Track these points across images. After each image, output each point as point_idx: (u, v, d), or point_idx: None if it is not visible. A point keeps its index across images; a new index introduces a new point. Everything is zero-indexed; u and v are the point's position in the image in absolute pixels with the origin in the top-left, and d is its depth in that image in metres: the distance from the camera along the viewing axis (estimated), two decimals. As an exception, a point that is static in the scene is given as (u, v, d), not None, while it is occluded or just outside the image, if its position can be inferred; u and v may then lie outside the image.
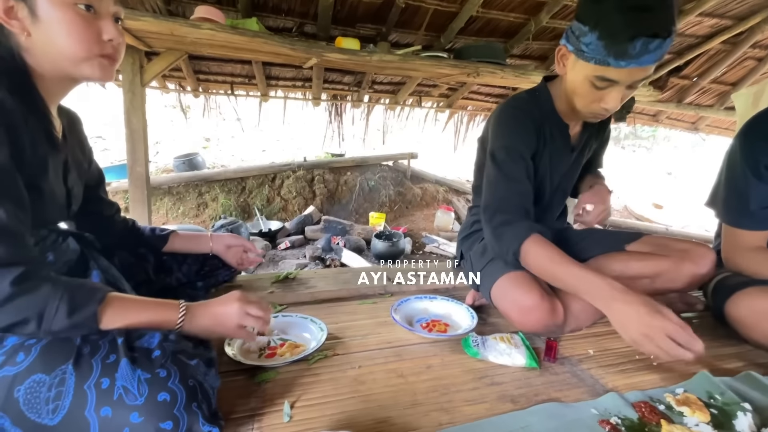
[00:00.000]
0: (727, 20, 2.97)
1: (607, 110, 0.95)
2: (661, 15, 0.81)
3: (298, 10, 2.54)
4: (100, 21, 0.69)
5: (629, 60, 0.83)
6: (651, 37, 0.80)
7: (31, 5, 0.64)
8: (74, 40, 0.66)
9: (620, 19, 0.81)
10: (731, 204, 1.06)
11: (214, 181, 4.16)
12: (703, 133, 4.47)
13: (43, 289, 0.58)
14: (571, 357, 0.98)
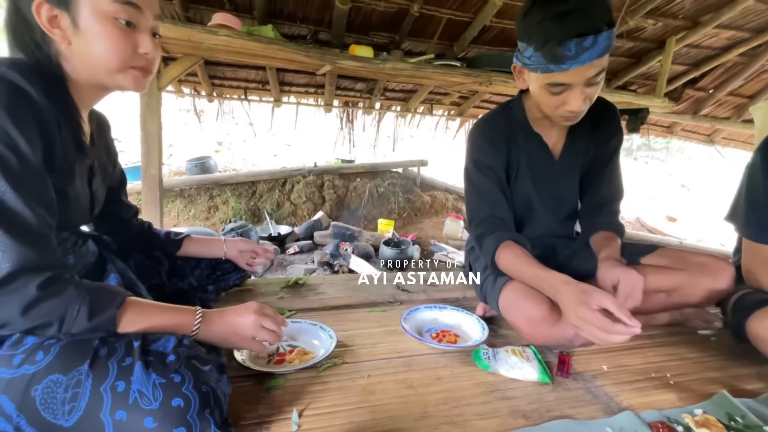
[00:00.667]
0: (745, 33, 2.93)
1: (573, 111, 0.97)
2: (583, 15, 0.84)
3: (313, 18, 2.57)
4: (138, 35, 0.71)
5: (570, 62, 0.86)
6: (580, 37, 0.84)
7: (74, 16, 0.66)
8: (111, 52, 0.68)
9: (546, 28, 0.86)
10: (752, 219, 1.04)
11: (226, 185, 4.20)
12: (719, 145, 4.39)
13: (67, 292, 0.59)
14: (584, 372, 0.95)
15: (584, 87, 0.92)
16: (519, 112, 1.16)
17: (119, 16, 0.67)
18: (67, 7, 0.65)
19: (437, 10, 2.54)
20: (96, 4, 0.66)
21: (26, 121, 0.59)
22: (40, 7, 0.64)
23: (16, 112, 0.58)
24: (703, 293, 1.06)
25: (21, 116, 0.58)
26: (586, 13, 0.84)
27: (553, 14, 0.85)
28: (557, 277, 0.90)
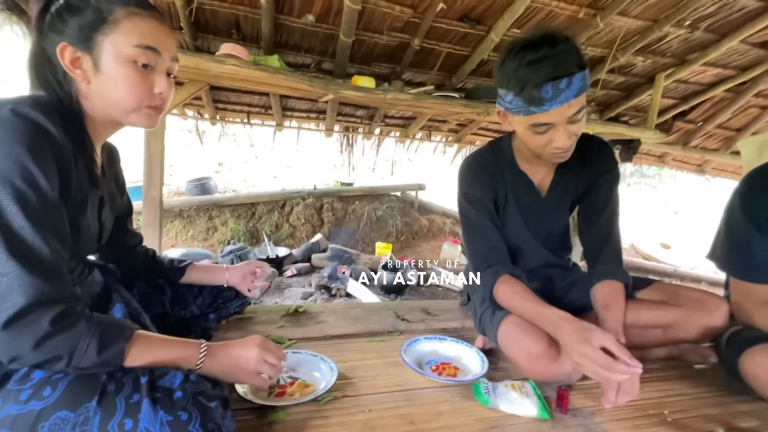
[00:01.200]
0: (730, 70, 3.07)
1: (560, 148, 1.00)
2: (555, 61, 0.90)
3: (318, 49, 2.67)
4: (154, 75, 0.74)
5: (549, 103, 0.92)
6: (555, 80, 0.89)
7: (96, 58, 0.69)
8: (128, 93, 0.71)
9: (522, 75, 0.92)
10: (735, 257, 1.07)
11: (225, 206, 4.23)
12: (710, 175, 4.50)
13: (78, 326, 0.60)
14: (583, 408, 0.96)
15: (567, 125, 0.97)
16: (507, 149, 1.21)
17: (138, 59, 0.71)
18: (90, 50, 0.69)
19: (437, 44, 2.64)
20: (117, 48, 0.69)
21: (46, 159, 0.62)
22: (64, 49, 0.68)
23: (37, 151, 0.61)
24: (698, 330, 1.08)
25: (42, 154, 0.61)
26: (558, 59, 0.90)
27: (528, 62, 0.92)
28: (557, 314, 0.92)
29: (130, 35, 0.70)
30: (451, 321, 1.43)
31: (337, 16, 2.35)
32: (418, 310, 1.48)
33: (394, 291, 3.32)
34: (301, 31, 2.48)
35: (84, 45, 0.68)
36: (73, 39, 0.68)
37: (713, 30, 2.63)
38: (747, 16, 2.49)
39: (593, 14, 2.41)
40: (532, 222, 1.24)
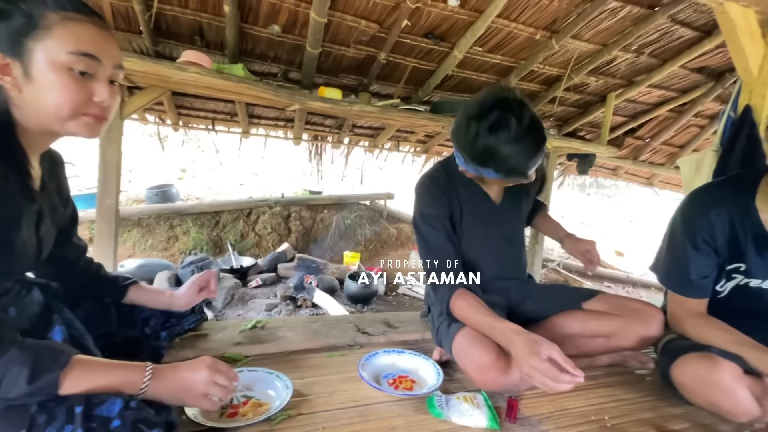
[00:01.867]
0: (673, 92, 3.33)
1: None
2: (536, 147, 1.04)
3: (284, 58, 2.66)
4: (94, 83, 0.69)
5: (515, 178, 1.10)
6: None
7: (26, 65, 0.65)
8: (62, 101, 0.67)
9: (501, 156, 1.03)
10: (673, 272, 1.14)
11: (187, 214, 4.08)
12: (657, 188, 4.83)
13: (8, 355, 0.57)
14: (531, 417, 1.01)
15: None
16: (457, 167, 1.25)
17: (74, 66, 0.66)
18: (20, 57, 0.65)
19: (403, 59, 2.71)
20: (50, 55, 0.65)
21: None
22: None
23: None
24: (636, 338, 1.16)
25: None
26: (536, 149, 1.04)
27: (512, 150, 1.02)
28: (509, 327, 0.97)
29: (64, 42, 0.65)
30: (412, 333, 1.45)
31: (303, 28, 2.36)
32: (379, 323, 1.49)
33: (361, 301, 3.32)
34: (267, 40, 2.47)
35: (13, 51, 0.64)
36: (0, 45, 0.64)
37: (656, 55, 2.85)
38: (685, 44, 2.72)
39: (549, 36, 2.56)
40: (490, 230, 1.30)
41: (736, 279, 1.10)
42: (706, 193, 1.14)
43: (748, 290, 1.09)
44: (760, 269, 1.06)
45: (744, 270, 1.07)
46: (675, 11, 2.35)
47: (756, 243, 1.03)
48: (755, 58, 2.05)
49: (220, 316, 2.90)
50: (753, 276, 1.07)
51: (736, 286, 1.10)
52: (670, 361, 1.06)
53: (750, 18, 1.96)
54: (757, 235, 1.02)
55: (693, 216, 1.09)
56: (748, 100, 2.13)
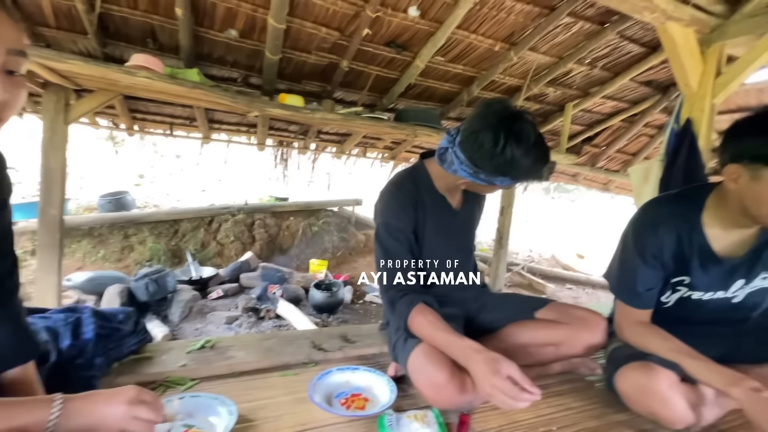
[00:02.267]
0: (624, 103, 3.51)
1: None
2: (543, 162, 1.07)
3: (244, 63, 2.59)
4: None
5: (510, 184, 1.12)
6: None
7: None
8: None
9: (519, 167, 1.05)
10: (622, 283, 1.17)
11: (143, 223, 3.88)
12: (614, 193, 5.07)
13: None
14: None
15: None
16: (425, 174, 1.27)
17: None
18: None
19: (366, 66, 2.70)
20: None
21: None
22: None
23: None
24: (582, 345, 1.19)
25: None
26: (542, 164, 1.09)
27: (528, 163, 1.04)
28: (468, 344, 0.96)
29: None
30: (370, 347, 1.43)
31: (262, 33, 2.31)
32: (336, 338, 1.46)
33: (326, 310, 3.26)
34: (225, 45, 2.39)
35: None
36: None
37: (608, 68, 2.99)
38: (633, 58, 2.88)
39: (508, 48, 2.63)
40: (450, 241, 1.30)
41: (680, 291, 1.14)
42: (657, 207, 1.16)
43: (690, 302, 1.13)
44: (702, 282, 1.09)
45: (688, 283, 1.11)
46: (623, 28, 2.48)
47: (700, 258, 1.06)
48: (694, 75, 2.18)
49: (176, 330, 2.76)
50: (695, 289, 1.11)
51: (680, 297, 1.14)
52: (614, 370, 1.09)
53: (689, 37, 2.09)
54: (702, 251, 1.06)
55: (643, 231, 1.12)
56: (689, 114, 2.27)
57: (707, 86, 2.18)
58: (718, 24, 2.02)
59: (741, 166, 0.92)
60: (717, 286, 1.10)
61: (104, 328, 1.11)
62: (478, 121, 1.06)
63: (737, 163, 0.93)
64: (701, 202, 1.07)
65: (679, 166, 2.29)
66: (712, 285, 1.10)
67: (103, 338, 1.07)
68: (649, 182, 2.49)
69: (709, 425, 1.06)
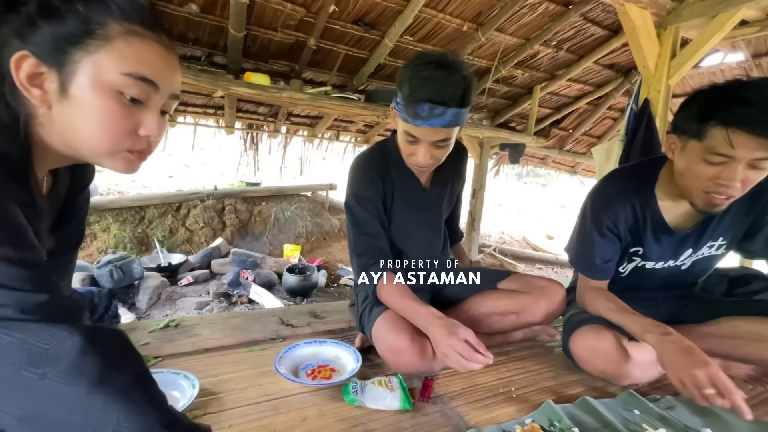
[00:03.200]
0: (589, 87, 3.61)
1: (418, 163, 1.11)
2: (444, 86, 0.99)
3: (206, 41, 2.49)
4: (143, 113, 0.56)
5: (421, 121, 1.00)
6: (435, 104, 0.98)
7: (66, 79, 0.51)
8: (103, 131, 0.54)
9: (413, 84, 0.99)
10: (581, 255, 1.21)
11: (106, 210, 3.72)
12: (581, 176, 5.25)
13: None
14: (444, 395, 1.04)
15: (431, 146, 1.05)
16: (393, 149, 1.25)
17: (126, 91, 0.53)
18: (60, 67, 0.51)
19: (334, 45, 2.65)
20: (100, 72, 0.52)
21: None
22: (23, 60, 0.50)
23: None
24: (542, 312, 1.25)
25: None
26: (445, 86, 0.98)
27: (421, 76, 0.98)
28: (431, 312, 0.99)
29: (122, 59, 0.53)
30: (338, 323, 1.44)
31: (224, 9, 2.22)
32: (305, 314, 1.47)
33: (300, 294, 3.26)
34: (185, 20, 2.29)
35: (53, 59, 0.51)
36: (39, 49, 0.50)
37: (573, 51, 3.06)
38: (597, 41, 2.95)
39: (475, 28, 2.64)
40: (417, 216, 1.31)
41: (634, 261, 1.19)
42: (613, 181, 1.19)
43: (644, 270, 1.19)
44: (654, 253, 1.15)
45: (641, 254, 1.16)
46: (586, 10, 2.54)
47: (654, 229, 1.11)
48: (652, 56, 2.27)
49: (144, 317, 2.69)
50: (648, 259, 1.16)
51: (635, 267, 1.20)
52: (569, 335, 1.15)
53: (647, 19, 2.17)
54: (655, 222, 1.10)
55: (600, 205, 1.15)
56: (647, 94, 2.36)
57: (663, 67, 2.27)
58: (674, 7, 2.10)
59: (676, 137, 0.97)
60: (668, 255, 1.15)
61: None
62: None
63: (673, 134, 0.98)
64: (654, 176, 1.10)
65: (637, 145, 2.39)
66: (663, 255, 1.15)
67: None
68: (610, 161, 2.60)
69: (653, 381, 1.13)
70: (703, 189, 0.94)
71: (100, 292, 1.20)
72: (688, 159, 0.95)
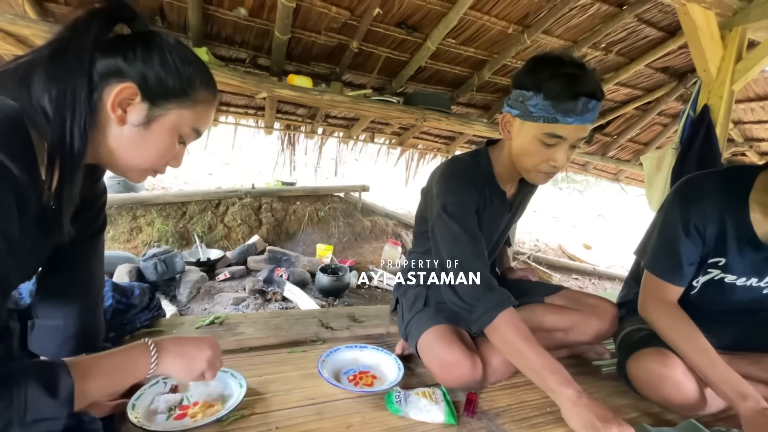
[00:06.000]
0: (638, 91, 3.43)
1: (556, 167, 1.01)
2: (590, 81, 0.93)
3: (252, 43, 2.56)
4: (179, 148, 0.71)
5: (575, 117, 0.92)
6: (589, 97, 0.92)
7: (152, 115, 0.64)
8: (152, 158, 0.68)
9: (561, 81, 0.92)
10: (662, 256, 1.09)
11: (151, 205, 3.91)
12: (623, 183, 5.00)
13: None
14: (489, 411, 1.01)
15: (569, 147, 0.98)
16: (487, 165, 1.15)
17: (186, 139, 0.70)
18: (153, 106, 0.64)
19: (376, 48, 2.66)
20: (178, 123, 0.66)
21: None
22: (126, 88, 0.61)
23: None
24: (593, 332, 1.19)
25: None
26: (593, 81, 0.94)
27: (567, 73, 0.92)
28: (571, 386, 0.86)
29: (195, 118, 0.68)
30: (377, 327, 1.43)
31: (271, 12, 2.27)
32: (344, 317, 1.47)
33: (332, 294, 3.28)
34: (233, 24, 2.36)
35: (150, 99, 0.63)
36: (142, 86, 0.62)
37: (623, 54, 2.92)
38: (650, 43, 2.80)
39: (521, 31, 2.57)
40: (493, 237, 1.24)
41: (711, 273, 1.09)
42: (703, 181, 1.09)
43: (719, 286, 1.08)
44: (737, 266, 1.05)
45: (722, 265, 1.06)
46: (641, 11, 2.41)
47: (740, 240, 1.02)
48: (714, 59, 2.12)
49: (184, 310, 2.80)
50: (729, 272, 1.06)
51: (710, 280, 1.09)
52: (626, 356, 1.09)
53: (710, 20, 2.03)
54: (743, 232, 1.01)
55: (688, 201, 1.06)
56: (707, 100, 2.21)
57: (726, 72, 2.12)
58: (741, 7, 1.95)
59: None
60: (751, 272, 1.05)
61: (121, 303, 1.13)
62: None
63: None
64: (749, 183, 1.01)
65: (693, 155, 2.24)
66: (746, 270, 1.05)
67: (120, 313, 1.09)
68: (661, 171, 2.45)
69: (718, 411, 1.05)
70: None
71: (143, 288, 1.25)
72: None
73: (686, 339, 1.00)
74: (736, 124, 3.81)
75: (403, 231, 5.05)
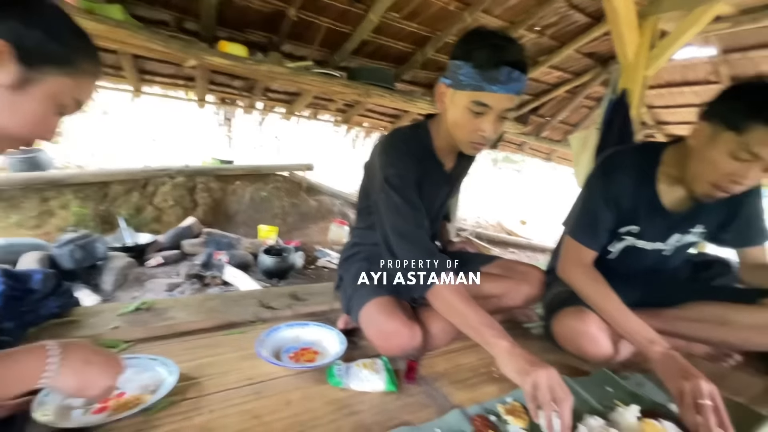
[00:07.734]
0: (568, 74, 3.65)
1: (485, 137, 1.03)
2: (516, 51, 0.97)
3: (177, 5, 2.31)
4: (57, 119, 0.66)
5: (500, 86, 0.95)
6: (513, 66, 0.95)
7: (27, 77, 0.58)
8: (19, 125, 0.62)
9: (488, 51, 0.95)
10: (582, 222, 1.22)
11: (65, 185, 3.48)
12: (555, 162, 5.38)
13: None
14: (428, 376, 1.05)
15: (497, 118, 1.00)
16: (426, 137, 1.17)
17: (63, 111, 0.65)
18: (28, 68, 0.58)
19: (316, 18, 2.54)
20: (57, 92, 0.62)
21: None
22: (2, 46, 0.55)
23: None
24: (523, 297, 1.27)
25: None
26: (518, 50, 0.96)
27: (495, 43, 0.95)
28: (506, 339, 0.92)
29: (78, 88, 0.64)
30: (320, 305, 1.42)
31: (197, -31, 2.06)
32: (285, 296, 1.43)
33: (276, 275, 3.20)
34: (152, -21, 2.11)
35: (27, 60, 0.57)
36: (18, 45, 0.56)
37: (555, 38, 3.07)
38: (579, 28, 2.97)
39: (462, 8, 2.59)
40: (432, 210, 1.26)
41: (625, 240, 1.23)
42: (620, 156, 1.20)
43: (637, 251, 1.23)
44: (648, 232, 1.19)
45: (636, 232, 1.20)
46: (571, -5, 2.53)
47: (650, 209, 1.15)
48: (632, 46, 2.30)
49: (110, 299, 2.57)
50: (642, 238, 1.21)
51: (626, 247, 1.24)
52: (551, 316, 1.18)
53: (630, 8, 2.19)
54: (652, 203, 1.14)
55: (606, 174, 1.18)
56: (625, 84, 2.41)
57: (642, 58, 2.32)
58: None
59: (707, 125, 0.98)
60: (658, 237, 1.20)
61: (15, 290, 1.00)
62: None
63: (705, 121, 0.98)
64: (657, 158, 1.13)
65: (613, 134, 2.45)
66: (655, 236, 1.20)
67: (14, 300, 0.96)
68: (587, 149, 2.66)
69: (625, 360, 1.19)
70: (714, 181, 0.98)
71: (46, 274, 1.12)
72: (714, 149, 0.96)
73: (602, 296, 1.11)
74: (648, 108, 4.22)
75: (350, 210, 5.02)
